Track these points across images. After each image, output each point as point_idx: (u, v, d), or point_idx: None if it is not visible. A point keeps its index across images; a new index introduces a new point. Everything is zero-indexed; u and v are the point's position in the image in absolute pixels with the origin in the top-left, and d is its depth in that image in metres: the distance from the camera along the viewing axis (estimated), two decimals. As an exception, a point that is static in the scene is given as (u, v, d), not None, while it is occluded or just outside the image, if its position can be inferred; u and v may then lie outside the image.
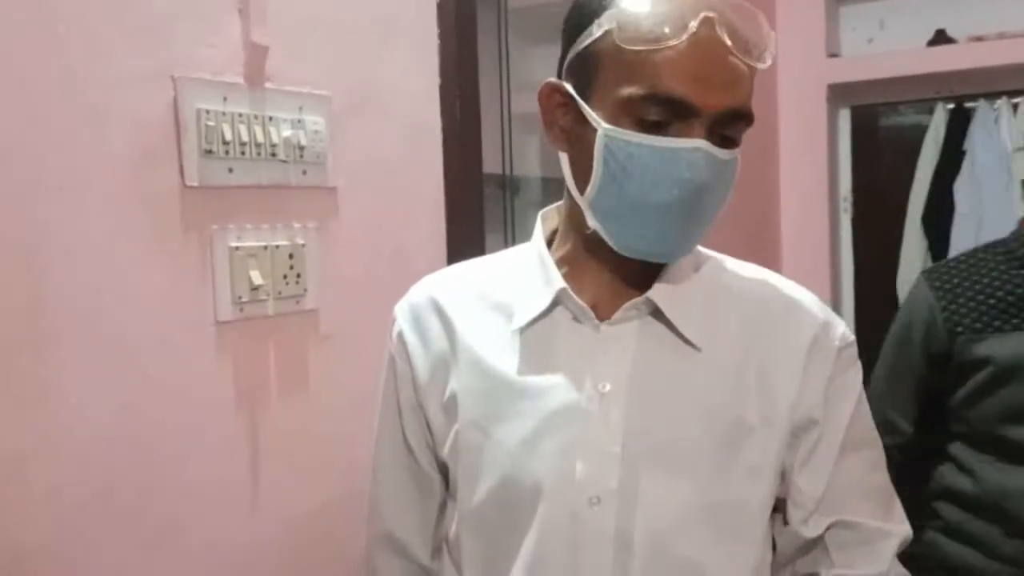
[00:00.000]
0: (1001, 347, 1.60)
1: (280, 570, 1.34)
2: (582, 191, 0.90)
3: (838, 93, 3.59)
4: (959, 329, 1.64)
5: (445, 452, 0.99)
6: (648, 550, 0.89)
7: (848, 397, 0.96)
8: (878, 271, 3.62)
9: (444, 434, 0.99)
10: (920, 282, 1.78)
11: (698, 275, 0.97)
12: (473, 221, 1.76)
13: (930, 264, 3.53)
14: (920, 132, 3.56)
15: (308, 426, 1.36)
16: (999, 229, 3.51)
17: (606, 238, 0.91)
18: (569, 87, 0.90)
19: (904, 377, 1.76)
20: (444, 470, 1.03)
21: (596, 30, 0.86)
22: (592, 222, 0.91)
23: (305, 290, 1.35)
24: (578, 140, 0.90)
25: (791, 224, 3.61)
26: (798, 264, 3.57)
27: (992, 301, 1.63)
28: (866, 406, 0.99)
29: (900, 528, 0.96)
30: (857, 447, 0.96)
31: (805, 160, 3.58)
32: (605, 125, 0.86)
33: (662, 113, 0.83)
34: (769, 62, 0.88)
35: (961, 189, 3.42)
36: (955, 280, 1.70)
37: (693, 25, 0.82)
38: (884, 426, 1.61)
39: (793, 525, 0.94)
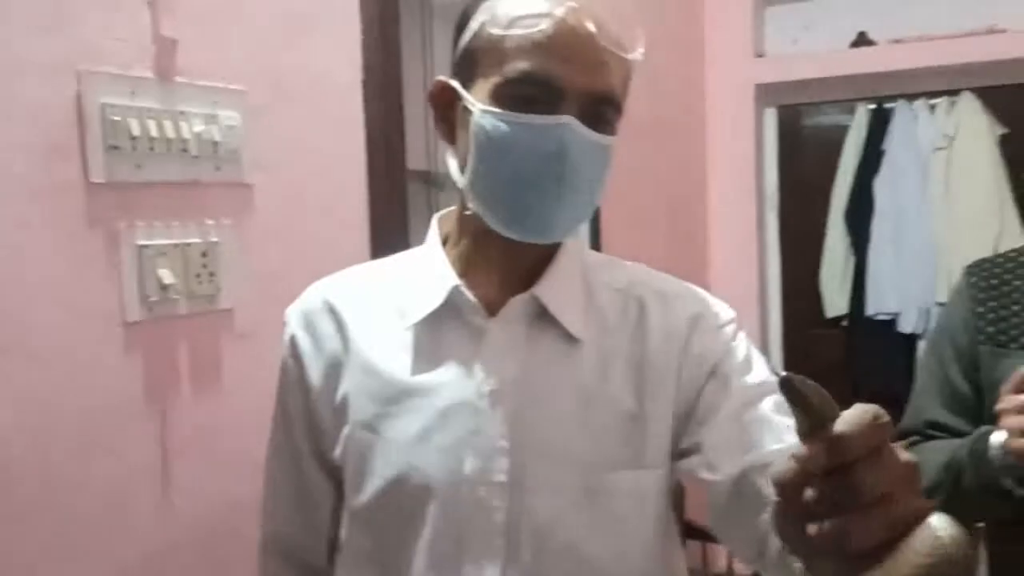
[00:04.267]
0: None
1: (190, 566, 1.32)
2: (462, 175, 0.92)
3: (764, 92, 3.65)
4: (981, 338, 1.34)
5: (337, 454, 0.98)
6: (536, 540, 0.90)
7: (733, 361, 0.96)
8: (803, 265, 3.70)
9: (335, 436, 0.98)
10: (961, 276, 1.43)
11: (582, 273, 0.99)
12: (397, 218, 1.74)
13: (852, 259, 3.63)
14: (842, 131, 3.65)
15: (222, 425, 1.34)
16: (916, 226, 3.64)
17: (485, 219, 0.92)
18: (456, 84, 0.92)
19: (938, 384, 1.39)
20: (337, 474, 1.02)
21: (474, 25, 0.90)
22: (472, 204, 0.92)
23: (219, 289, 1.33)
24: (462, 131, 0.92)
25: (719, 219, 3.67)
26: (726, 258, 3.64)
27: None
28: (760, 360, 0.99)
29: None
30: (757, 400, 0.93)
31: (733, 157, 3.64)
32: (479, 106, 0.88)
33: (532, 93, 0.86)
34: (639, 54, 0.90)
35: (881, 187, 3.52)
36: (994, 280, 1.36)
37: (559, 12, 0.86)
38: (926, 423, 1.36)
39: (715, 476, 0.91)
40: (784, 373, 0.50)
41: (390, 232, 1.72)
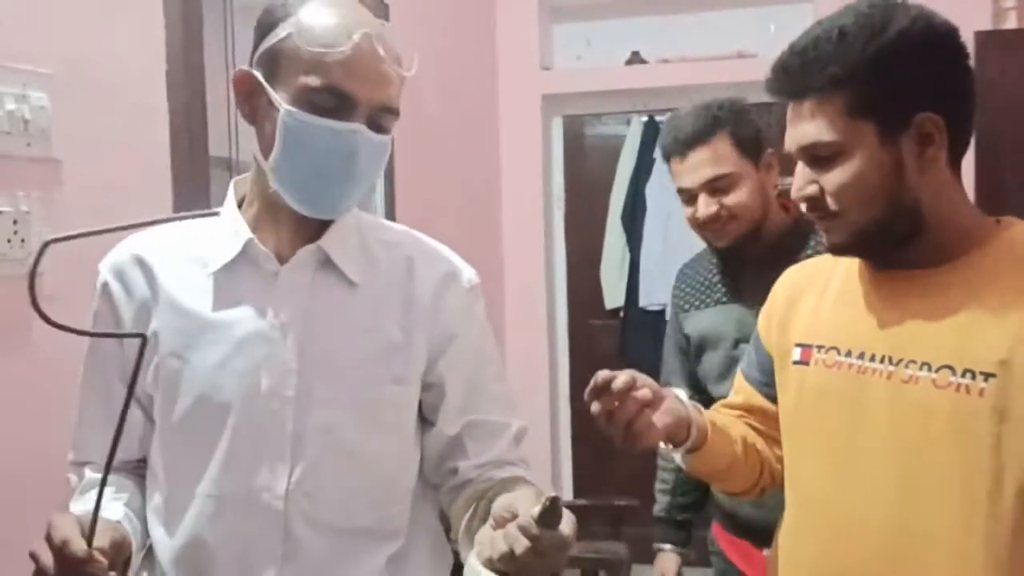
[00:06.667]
0: (697, 322, 1.87)
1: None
2: (267, 159, 1.11)
3: (551, 103, 3.97)
4: (677, 309, 1.94)
5: (148, 381, 1.16)
6: (319, 441, 1.12)
7: (475, 322, 1.24)
8: (586, 260, 4.06)
9: (146, 368, 1.15)
10: None
11: (358, 230, 1.21)
12: (199, 199, 1.88)
13: (627, 256, 4.02)
14: (620, 140, 4.04)
15: (31, 383, 1.45)
16: (682, 226, 4.05)
17: (285, 198, 1.12)
18: (258, 75, 1.10)
19: (674, 348, 1.97)
20: (145, 404, 1.18)
21: (281, 31, 1.09)
22: (274, 184, 1.12)
23: (30, 254, 1.44)
24: (264, 118, 1.11)
25: (510, 220, 3.95)
26: (516, 255, 3.91)
27: (696, 284, 1.91)
28: (489, 330, 1.27)
29: (517, 422, 1.24)
30: (484, 362, 1.24)
31: (522, 163, 3.93)
32: (285, 107, 1.06)
33: (331, 101, 1.06)
34: (413, 71, 1.13)
35: (652, 191, 3.92)
36: (685, 270, 1.98)
37: (356, 37, 1.06)
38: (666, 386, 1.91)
39: (438, 425, 1.20)
40: (553, 495, 0.88)
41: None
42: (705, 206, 1.71)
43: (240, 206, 1.19)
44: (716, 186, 1.71)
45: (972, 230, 1.11)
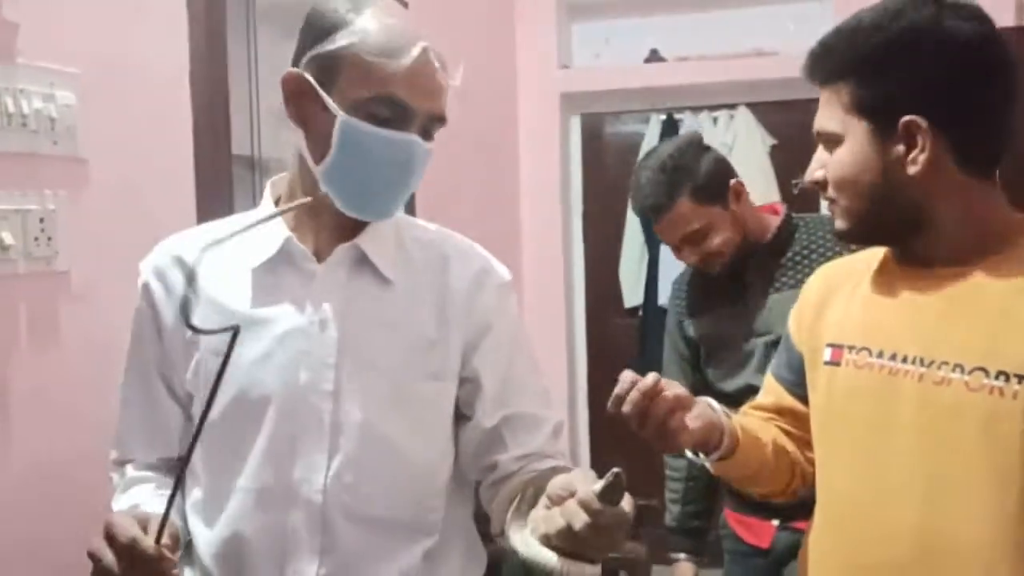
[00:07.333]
0: (703, 326, 1.95)
1: (29, 515, 1.42)
2: (317, 162, 1.12)
3: (569, 101, 3.97)
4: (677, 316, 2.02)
5: (188, 378, 1.17)
6: (357, 434, 1.14)
7: (509, 317, 1.26)
8: (604, 259, 4.05)
9: (186, 365, 1.17)
10: None
11: (394, 229, 1.23)
12: (222, 197, 1.89)
13: (646, 255, 4.01)
14: (639, 139, 4.02)
15: (60, 380, 1.46)
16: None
17: (336, 202, 1.14)
18: (310, 77, 1.11)
19: (674, 357, 2.04)
20: (184, 402, 1.20)
21: (340, 39, 1.10)
22: (324, 187, 1.13)
23: (57, 252, 1.45)
24: (315, 121, 1.12)
25: (529, 218, 3.96)
26: (535, 253, 3.92)
27: (697, 289, 1.98)
28: (523, 326, 1.29)
29: (555, 415, 1.25)
30: (519, 356, 1.25)
31: (541, 161, 3.94)
32: (343, 115, 1.08)
33: (390, 111, 1.09)
34: (459, 81, 1.15)
35: (671, 189, 3.89)
36: (680, 280, 2.07)
37: (415, 50, 1.08)
38: None
39: (475, 418, 1.20)
40: (617, 470, 0.86)
41: (215, 213, 1.86)
42: (688, 255, 1.87)
43: (276, 205, 1.21)
44: (691, 239, 1.83)
45: (1002, 229, 1.10)
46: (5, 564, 1.38)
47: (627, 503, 0.89)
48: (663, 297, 3.91)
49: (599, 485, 0.87)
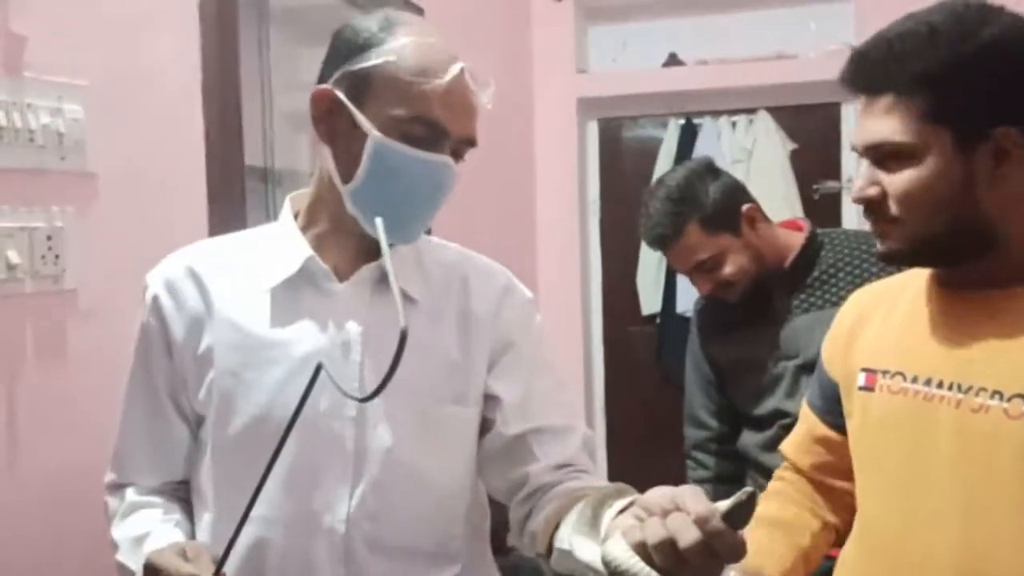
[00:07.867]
0: (727, 351, 1.89)
1: (38, 527, 1.40)
2: (345, 181, 1.09)
3: (586, 106, 3.93)
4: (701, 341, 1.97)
5: (199, 398, 1.13)
6: (380, 461, 1.10)
7: (533, 332, 1.23)
8: (622, 266, 4.00)
9: (198, 384, 1.12)
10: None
11: (416, 249, 1.19)
12: (235, 210, 1.86)
13: (664, 261, 3.95)
14: (657, 144, 3.97)
15: (67, 396, 1.43)
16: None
17: (362, 223, 1.09)
18: (340, 94, 1.07)
19: (698, 381, 1.99)
20: (192, 421, 1.15)
21: (375, 57, 1.06)
22: (351, 208, 1.10)
23: (64, 270, 1.42)
24: (345, 139, 1.09)
25: (545, 224, 3.92)
26: (551, 259, 3.88)
27: (721, 314, 1.92)
28: (546, 343, 1.25)
29: (582, 425, 1.22)
30: (542, 371, 1.21)
31: (558, 167, 3.89)
32: (376, 133, 1.05)
33: (424, 132, 1.06)
34: (490, 104, 1.13)
35: (690, 195, 3.84)
36: (703, 304, 1.99)
37: (453, 70, 1.06)
38: (693, 422, 1.98)
39: (497, 427, 1.16)
40: (751, 489, 0.77)
41: (228, 226, 1.83)
42: (702, 284, 1.83)
43: (295, 219, 1.17)
44: (702, 268, 1.79)
45: None
46: (12, 586, 1.35)
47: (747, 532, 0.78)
48: (681, 305, 3.86)
49: (727, 503, 0.77)
